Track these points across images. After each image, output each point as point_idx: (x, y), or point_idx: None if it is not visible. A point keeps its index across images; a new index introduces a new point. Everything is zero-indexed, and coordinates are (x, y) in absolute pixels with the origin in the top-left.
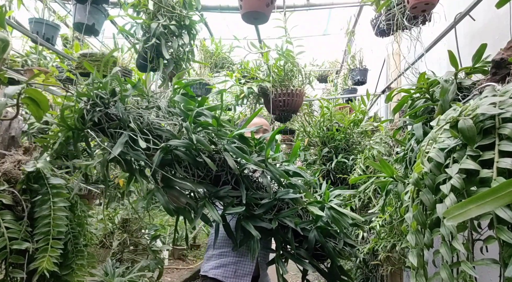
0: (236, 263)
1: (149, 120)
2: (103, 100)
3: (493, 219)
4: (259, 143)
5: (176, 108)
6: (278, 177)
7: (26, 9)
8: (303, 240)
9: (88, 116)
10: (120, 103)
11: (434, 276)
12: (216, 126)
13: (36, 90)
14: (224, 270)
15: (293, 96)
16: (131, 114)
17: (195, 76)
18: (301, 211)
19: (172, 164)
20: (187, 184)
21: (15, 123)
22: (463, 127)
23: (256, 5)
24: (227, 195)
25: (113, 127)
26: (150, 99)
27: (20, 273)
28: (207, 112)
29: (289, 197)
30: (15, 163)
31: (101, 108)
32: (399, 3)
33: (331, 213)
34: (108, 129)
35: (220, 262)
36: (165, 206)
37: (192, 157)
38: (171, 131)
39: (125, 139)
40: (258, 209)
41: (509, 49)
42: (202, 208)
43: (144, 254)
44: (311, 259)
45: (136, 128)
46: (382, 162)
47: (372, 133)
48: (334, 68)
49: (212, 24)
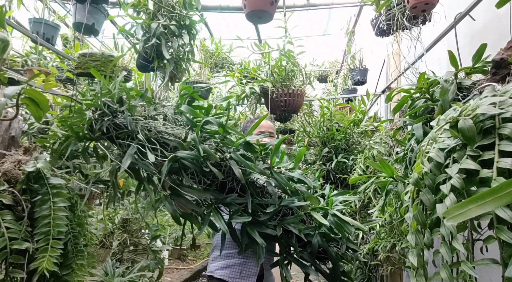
0: (242, 264)
1: (156, 130)
2: (111, 109)
3: (493, 219)
4: (265, 149)
5: (183, 116)
6: (283, 185)
7: (26, 9)
8: (306, 244)
9: (96, 126)
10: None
11: (434, 276)
12: (222, 133)
13: (36, 90)
14: (230, 270)
15: (294, 96)
16: (139, 124)
17: (195, 76)
18: (305, 216)
19: (179, 172)
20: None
21: (15, 123)
22: (463, 127)
23: (260, 4)
24: (233, 202)
25: (121, 136)
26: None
27: (20, 273)
28: (214, 120)
29: (295, 205)
30: (15, 163)
31: (109, 117)
32: (399, 3)
33: (334, 220)
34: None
35: (226, 263)
36: (173, 214)
37: (198, 166)
38: (178, 140)
39: (133, 150)
40: (263, 215)
41: (509, 49)
42: (209, 216)
43: (144, 254)
44: (314, 262)
45: (144, 139)
46: (382, 162)
47: (372, 133)
48: (334, 68)
49: (212, 24)
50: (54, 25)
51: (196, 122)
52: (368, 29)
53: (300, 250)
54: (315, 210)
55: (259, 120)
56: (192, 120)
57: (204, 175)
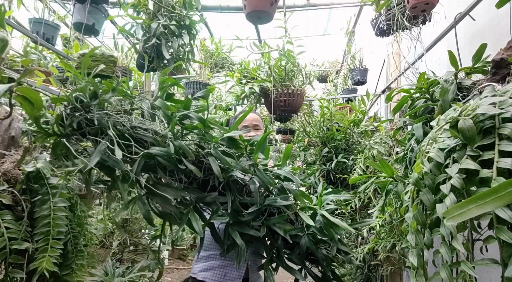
0: (226, 266)
1: (130, 125)
2: (83, 104)
3: (493, 219)
4: (251, 144)
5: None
6: (266, 183)
7: (26, 9)
8: (295, 245)
9: (67, 121)
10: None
11: (434, 276)
12: (203, 129)
13: (29, 88)
14: (213, 273)
15: (294, 96)
16: (111, 119)
17: (195, 76)
18: (294, 215)
19: (155, 169)
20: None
21: (15, 123)
22: (463, 127)
23: (260, 4)
24: (214, 201)
25: (92, 132)
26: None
27: (19, 273)
28: (194, 115)
29: (278, 204)
30: (15, 163)
31: (81, 113)
32: (399, 3)
33: (323, 220)
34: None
35: (209, 264)
36: (145, 215)
37: (173, 163)
38: (153, 136)
39: (103, 147)
40: (247, 215)
41: (509, 49)
42: (187, 215)
43: (144, 254)
44: (304, 264)
45: (114, 135)
46: (382, 162)
47: (372, 133)
48: (334, 68)
49: (212, 24)
50: (54, 25)
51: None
52: (368, 29)
53: (288, 252)
54: (303, 210)
55: (244, 115)
56: (168, 115)
57: (182, 172)
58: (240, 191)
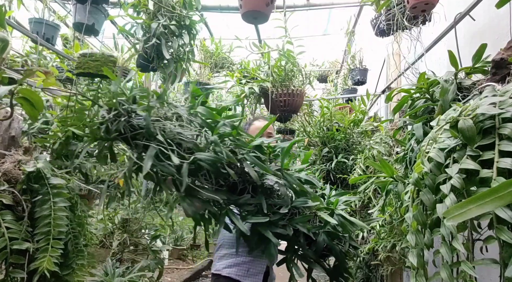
0: (249, 262)
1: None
2: (126, 109)
3: (493, 219)
4: (273, 151)
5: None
6: (294, 186)
7: (26, 9)
8: (311, 242)
9: (113, 126)
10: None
11: (434, 276)
12: (235, 135)
13: (30, 90)
14: (237, 269)
15: (294, 96)
16: (156, 125)
17: (195, 76)
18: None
19: (195, 173)
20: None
21: (15, 123)
22: (463, 127)
23: (256, 4)
24: (246, 203)
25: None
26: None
27: (20, 273)
28: (228, 123)
29: (306, 205)
30: (15, 163)
31: (125, 118)
32: (399, 3)
33: (340, 219)
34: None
35: (234, 261)
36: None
37: (216, 168)
38: (193, 141)
39: (154, 152)
40: (274, 215)
41: (509, 49)
42: (224, 216)
43: (144, 254)
44: (318, 259)
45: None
46: (382, 162)
47: (372, 133)
48: (334, 68)
49: (212, 24)
50: (54, 25)
51: (211, 124)
52: (368, 29)
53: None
54: (321, 210)
55: (268, 124)
56: (207, 122)
57: (218, 176)
58: (267, 193)
